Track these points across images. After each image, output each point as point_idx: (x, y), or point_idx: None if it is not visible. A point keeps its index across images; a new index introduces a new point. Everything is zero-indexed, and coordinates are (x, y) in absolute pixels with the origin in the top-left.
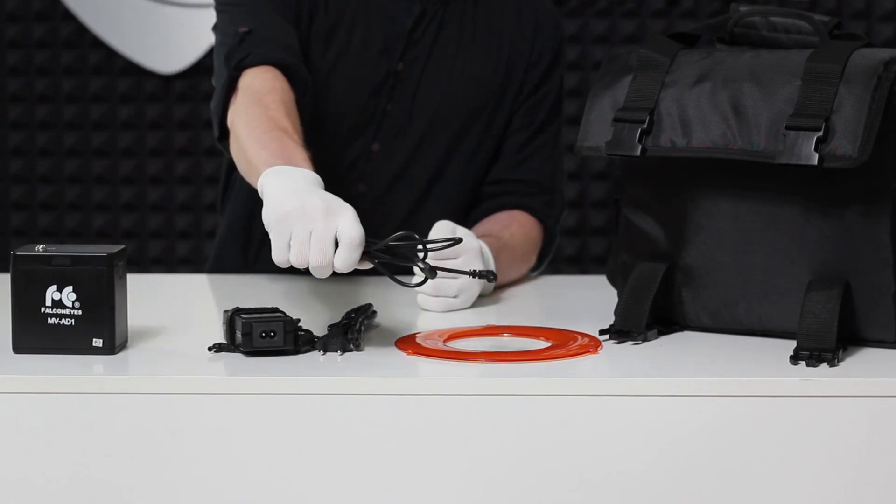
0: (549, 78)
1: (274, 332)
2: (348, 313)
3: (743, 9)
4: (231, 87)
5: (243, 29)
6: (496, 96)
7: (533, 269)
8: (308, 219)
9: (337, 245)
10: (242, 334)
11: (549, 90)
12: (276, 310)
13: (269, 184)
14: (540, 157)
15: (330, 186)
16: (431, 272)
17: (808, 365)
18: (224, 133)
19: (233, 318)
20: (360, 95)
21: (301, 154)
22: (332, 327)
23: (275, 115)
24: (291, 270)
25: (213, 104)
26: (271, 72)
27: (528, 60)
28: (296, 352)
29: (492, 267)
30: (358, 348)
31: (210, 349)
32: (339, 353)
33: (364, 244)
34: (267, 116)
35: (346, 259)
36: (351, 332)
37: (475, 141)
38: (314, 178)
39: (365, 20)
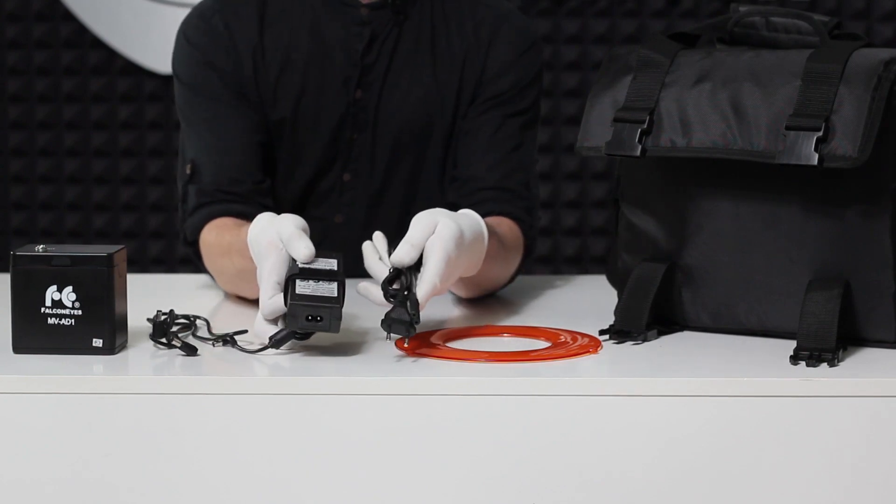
0: (508, 82)
1: (321, 318)
2: (396, 270)
3: (743, 9)
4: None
5: (188, 167)
6: (450, 114)
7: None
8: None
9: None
10: (289, 316)
11: (516, 97)
12: (334, 273)
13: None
14: (518, 168)
15: (305, 219)
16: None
17: (808, 365)
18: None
19: (291, 280)
20: (326, 131)
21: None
22: (394, 297)
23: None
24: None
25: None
26: (219, 221)
27: (479, 75)
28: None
29: (482, 245)
30: (415, 320)
31: (271, 345)
32: (406, 331)
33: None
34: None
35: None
36: (410, 301)
37: (439, 160)
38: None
39: (320, 54)
